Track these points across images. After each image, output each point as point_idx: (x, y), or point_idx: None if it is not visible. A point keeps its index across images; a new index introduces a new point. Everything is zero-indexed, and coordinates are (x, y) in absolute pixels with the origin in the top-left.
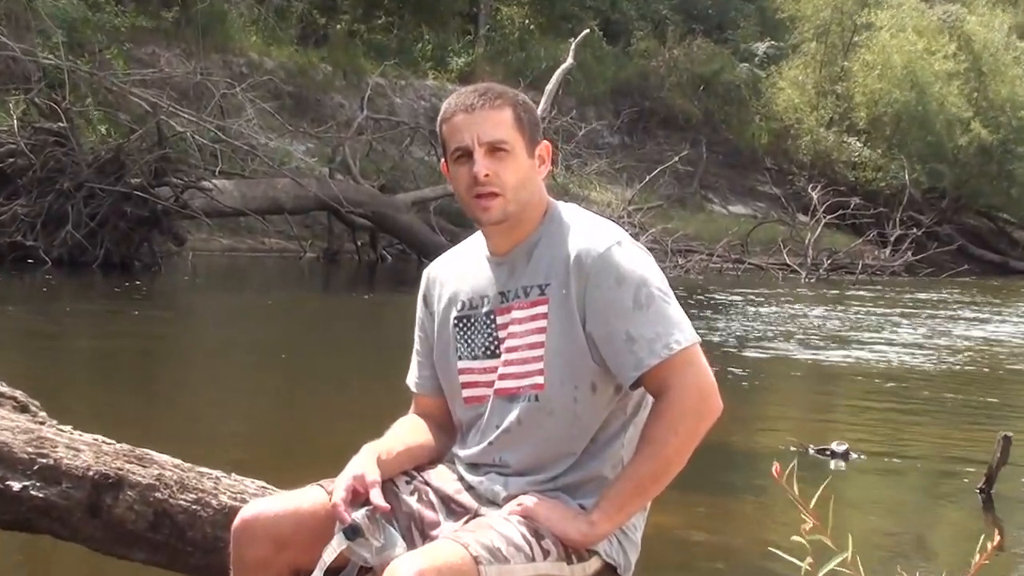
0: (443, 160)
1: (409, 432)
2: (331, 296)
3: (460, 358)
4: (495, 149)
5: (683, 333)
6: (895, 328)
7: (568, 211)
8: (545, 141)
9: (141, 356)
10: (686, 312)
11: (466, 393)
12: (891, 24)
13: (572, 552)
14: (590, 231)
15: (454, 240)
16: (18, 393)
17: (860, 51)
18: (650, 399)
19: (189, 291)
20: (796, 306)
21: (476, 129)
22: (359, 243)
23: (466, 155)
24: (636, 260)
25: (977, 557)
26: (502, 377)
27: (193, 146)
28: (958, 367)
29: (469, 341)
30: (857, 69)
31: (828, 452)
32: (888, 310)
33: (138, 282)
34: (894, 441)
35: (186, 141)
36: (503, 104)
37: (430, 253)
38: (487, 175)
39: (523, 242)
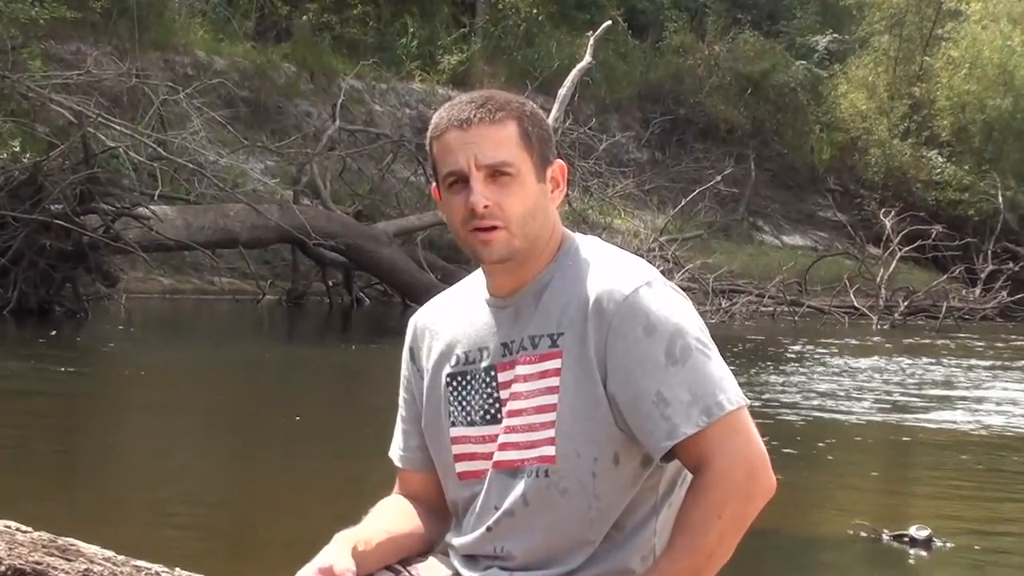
0: (434, 184)
1: (392, 517)
2: (296, 348)
3: (453, 424)
4: (497, 173)
5: (727, 394)
6: (988, 385)
7: (588, 245)
8: (559, 160)
9: (63, 423)
10: (730, 367)
11: (460, 467)
12: (982, 12)
13: None
14: (613, 269)
15: (446, 279)
16: None
17: (943, 45)
18: (687, 475)
19: (122, 342)
20: (866, 358)
21: (473, 149)
22: (330, 283)
23: (461, 181)
24: (669, 304)
25: None
26: (503, 447)
27: (127, 165)
28: None
29: (464, 403)
30: (940, 67)
31: (906, 539)
32: (979, 362)
33: (60, 331)
34: (987, 525)
35: (118, 158)
36: (506, 117)
37: (417, 295)
38: (487, 206)
39: (531, 282)
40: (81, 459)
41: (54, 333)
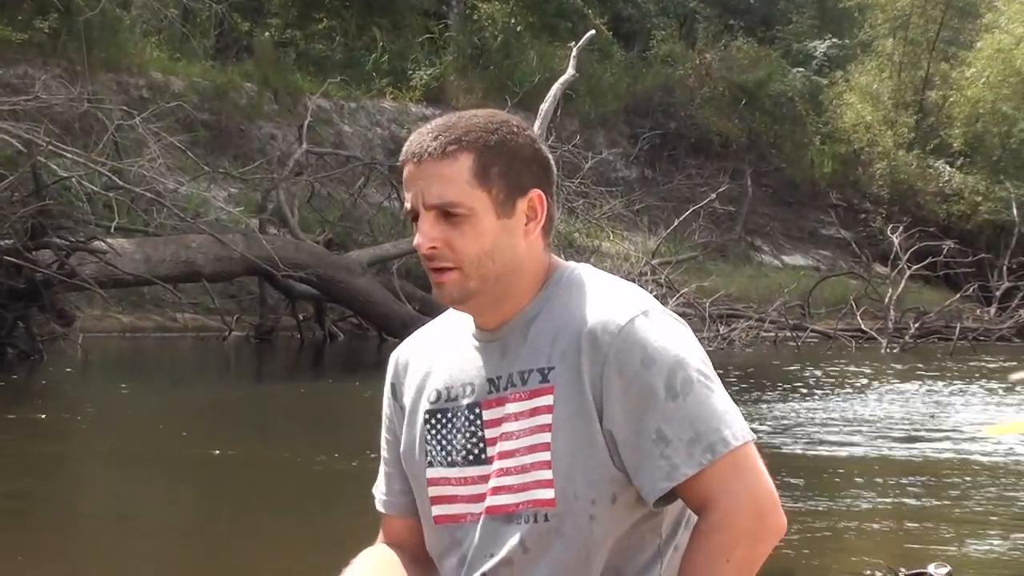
0: None
1: (376, 567)
2: (266, 387)
3: (431, 464)
4: (447, 213)
5: (732, 429)
6: (1008, 410)
7: (580, 274)
8: (536, 190)
9: (14, 474)
10: (732, 398)
11: (436, 511)
12: (1006, 11)
13: None
14: (606, 298)
15: (424, 309)
16: None
17: (954, 48)
18: (692, 516)
19: (79, 385)
20: (876, 385)
21: (421, 186)
22: (301, 317)
23: (416, 218)
24: (668, 335)
25: None
26: (496, 491)
27: (81, 195)
28: None
29: (444, 442)
30: (957, 76)
31: None
32: (997, 387)
33: (14, 376)
34: (1011, 562)
35: (71, 189)
36: (458, 151)
37: (394, 327)
38: (433, 247)
39: (518, 315)
40: (33, 514)
41: (6, 377)
